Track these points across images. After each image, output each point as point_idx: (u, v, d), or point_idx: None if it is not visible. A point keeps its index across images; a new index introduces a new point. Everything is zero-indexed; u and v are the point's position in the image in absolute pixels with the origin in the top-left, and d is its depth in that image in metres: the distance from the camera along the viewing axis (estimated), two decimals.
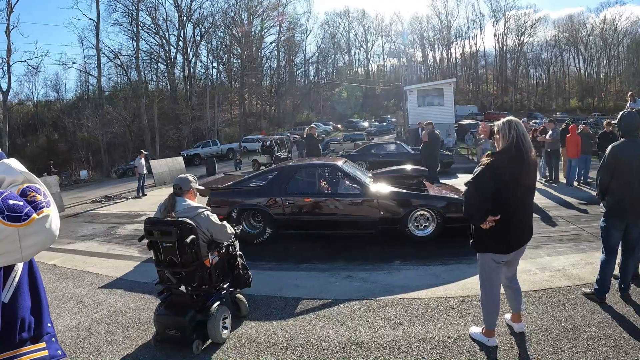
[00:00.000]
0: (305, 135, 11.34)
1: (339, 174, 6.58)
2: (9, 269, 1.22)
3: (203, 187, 3.84)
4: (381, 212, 5.99)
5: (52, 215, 1.16)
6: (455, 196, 6.21)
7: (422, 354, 3.05)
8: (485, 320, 3.10)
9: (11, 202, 1.10)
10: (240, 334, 3.56)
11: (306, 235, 6.32)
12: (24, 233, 1.08)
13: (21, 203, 1.11)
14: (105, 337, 3.66)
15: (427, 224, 6.03)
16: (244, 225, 6.50)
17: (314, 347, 3.25)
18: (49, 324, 1.34)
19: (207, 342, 3.37)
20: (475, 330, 3.23)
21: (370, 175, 6.97)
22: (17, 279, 1.24)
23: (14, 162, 1.25)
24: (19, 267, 1.26)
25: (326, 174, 6.81)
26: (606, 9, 56.46)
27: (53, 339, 1.34)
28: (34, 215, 1.11)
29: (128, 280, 5.18)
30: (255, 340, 3.43)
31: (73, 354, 3.36)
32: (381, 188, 6.21)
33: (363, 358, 3.05)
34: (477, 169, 2.83)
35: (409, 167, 7.83)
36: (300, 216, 6.23)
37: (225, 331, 3.47)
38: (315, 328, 3.56)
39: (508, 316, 3.38)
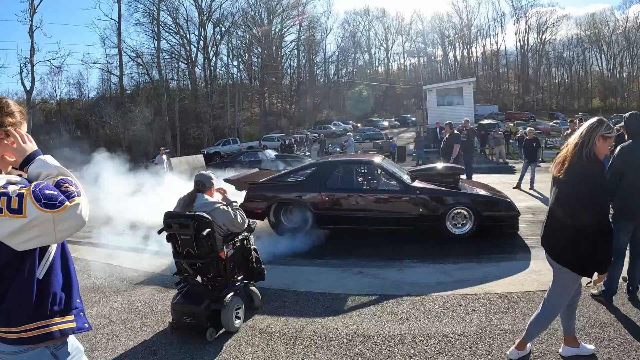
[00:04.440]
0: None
1: (379, 170, 6.64)
2: (44, 250, 1.40)
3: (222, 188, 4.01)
4: (420, 209, 6.04)
5: (83, 204, 1.32)
6: (493, 195, 6.31)
7: (425, 347, 3.15)
8: (533, 334, 2.93)
9: (47, 192, 1.27)
10: (252, 324, 3.71)
11: (322, 232, 6.44)
12: (58, 218, 1.26)
13: (56, 192, 1.28)
14: (124, 325, 3.86)
15: (464, 222, 6.08)
16: (283, 220, 6.52)
17: (322, 338, 3.39)
18: (78, 300, 1.52)
19: (221, 331, 3.53)
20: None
21: (407, 172, 7.03)
22: (50, 258, 1.42)
23: (49, 158, 1.43)
24: (53, 248, 1.44)
25: (366, 170, 6.86)
26: (629, 8, 54.67)
27: (81, 313, 1.52)
28: (67, 203, 1.28)
29: (148, 272, 5.38)
30: (267, 330, 3.58)
31: (93, 339, 3.56)
32: (421, 185, 6.28)
33: (368, 350, 3.17)
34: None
35: (446, 164, 7.89)
36: (339, 212, 6.31)
37: (238, 321, 3.63)
38: (325, 320, 3.69)
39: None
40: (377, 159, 6.76)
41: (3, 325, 1.37)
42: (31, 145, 1.46)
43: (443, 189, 6.27)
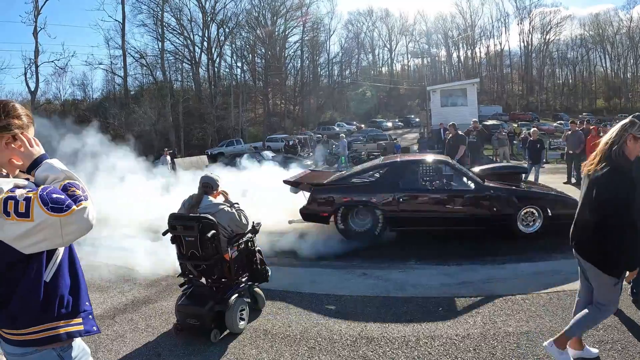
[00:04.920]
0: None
1: (451, 169, 6.60)
2: (51, 252, 1.41)
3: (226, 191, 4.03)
4: (494, 209, 6.05)
5: (90, 208, 1.34)
6: (560, 194, 6.37)
7: (429, 349, 3.16)
8: (579, 331, 2.83)
9: (54, 195, 1.29)
10: (256, 325, 3.73)
11: (327, 233, 6.43)
12: (65, 222, 1.27)
13: (63, 196, 1.30)
14: (128, 325, 3.88)
15: (533, 220, 6.07)
16: (351, 222, 6.32)
17: (325, 339, 3.40)
18: (87, 303, 1.53)
19: (225, 332, 3.54)
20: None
21: (477, 172, 6.95)
22: (58, 261, 1.44)
23: (56, 162, 1.44)
24: (60, 251, 1.45)
25: (438, 170, 6.81)
26: (633, 7, 54.32)
27: (90, 316, 1.53)
28: (74, 207, 1.29)
29: (152, 273, 5.40)
30: (271, 331, 3.59)
31: (98, 340, 3.57)
32: (493, 185, 6.25)
33: (372, 352, 3.18)
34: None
35: (511, 163, 7.89)
36: (413, 213, 6.23)
37: (242, 322, 3.64)
38: (329, 322, 3.71)
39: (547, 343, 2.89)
40: (448, 158, 6.72)
41: (9, 327, 1.38)
42: (38, 149, 1.47)
43: (514, 188, 6.29)
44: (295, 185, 6.79)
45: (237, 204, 3.95)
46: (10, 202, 1.25)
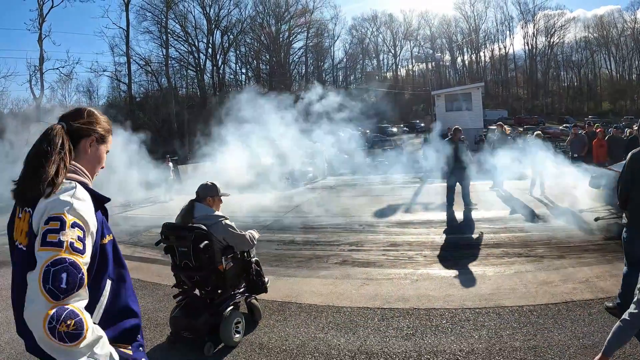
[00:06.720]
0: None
1: None
2: (95, 299, 1.39)
3: (229, 194, 3.87)
4: None
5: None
6: None
7: None
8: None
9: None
10: (252, 338, 3.59)
11: (325, 241, 6.32)
12: None
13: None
14: None
15: None
16: None
17: (323, 355, 3.25)
18: (138, 336, 1.54)
19: (220, 346, 3.42)
20: None
21: None
22: (103, 306, 1.44)
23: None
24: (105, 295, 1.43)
25: None
26: (638, 9, 53.86)
27: (140, 347, 1.53)
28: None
29: (149, 283, 5.31)
30: (267, 345, 3.46)
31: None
32: None
33: None
34: None
35: None
36: None
37: (237, 335, 3.52)
38: (327, 336, 3.56)
39: None
40: None
41: None
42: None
43: None
44: None
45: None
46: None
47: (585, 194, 7.14)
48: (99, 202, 1.42)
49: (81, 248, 1.26)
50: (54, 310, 1.16)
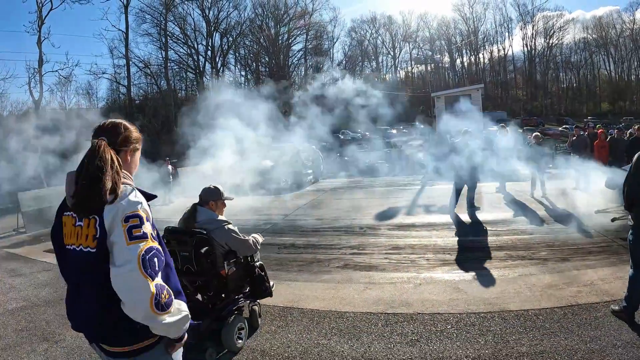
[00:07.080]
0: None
1: None
2: None
3: (232, 198, 3.80)
4: None
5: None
6: None
7: None
8: None
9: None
10: (254, 345, 3.54)
11: (326, 245, 6.26)
12: None
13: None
14: None
15: None
16: None
17: None
18: None
19: (223, 352, 3.37)
20: None
21: None
22: None
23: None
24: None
25: None
26: (636, 9, 53.91)
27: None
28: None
29: None
30: (269, 352, 3.41)
31: (89, 358, 3.42)
32: None
33: None
34: None
35: None
36: None
37: (240, 341, 3.47)
38: (330, 342, 3.51)
39: None
40: None
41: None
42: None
43: None
44: None
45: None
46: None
47: (599, 194, 7.06)
48: (147, 198, 1.67)
49: (155, 236, 1.57)
50: (155, 289, 1.46)
